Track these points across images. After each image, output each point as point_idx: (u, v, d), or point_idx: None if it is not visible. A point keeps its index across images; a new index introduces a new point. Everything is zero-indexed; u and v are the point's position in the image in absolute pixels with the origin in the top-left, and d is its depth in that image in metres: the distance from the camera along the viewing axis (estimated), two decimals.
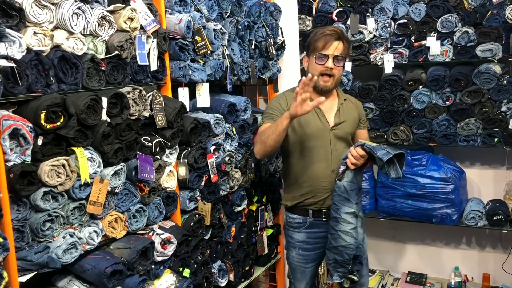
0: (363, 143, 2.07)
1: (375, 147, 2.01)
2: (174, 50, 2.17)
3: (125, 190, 1.91)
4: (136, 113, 1.93)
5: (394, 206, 3.18)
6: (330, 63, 2.17)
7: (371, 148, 2.01)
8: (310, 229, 2.32)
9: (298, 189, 2.31)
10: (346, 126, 2.30)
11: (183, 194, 2.26)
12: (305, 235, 2.33)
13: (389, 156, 1.92)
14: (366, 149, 2.04)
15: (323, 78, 2.20)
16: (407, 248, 3.60)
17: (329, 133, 2.27)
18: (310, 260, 2.36)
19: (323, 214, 2.28)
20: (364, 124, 2.44)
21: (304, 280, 2.40)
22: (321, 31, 2.21)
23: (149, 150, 2.00)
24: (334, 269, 2.16)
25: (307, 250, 2.34)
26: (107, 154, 1.80)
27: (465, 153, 3.29)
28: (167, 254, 2.05)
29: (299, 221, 2.33)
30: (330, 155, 2.25)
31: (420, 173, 3.07)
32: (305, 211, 2.31)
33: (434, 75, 3.01)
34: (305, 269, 2.38)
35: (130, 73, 1.94)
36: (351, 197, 2.08)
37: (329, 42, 2.16)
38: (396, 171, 1.95)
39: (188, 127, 2.18)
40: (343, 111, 2.32)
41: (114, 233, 1.87)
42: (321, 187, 2.25)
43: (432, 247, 3.51)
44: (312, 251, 2.35)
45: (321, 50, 2.17)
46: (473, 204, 3.11)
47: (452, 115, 3.02)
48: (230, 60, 2.54)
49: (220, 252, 2.53)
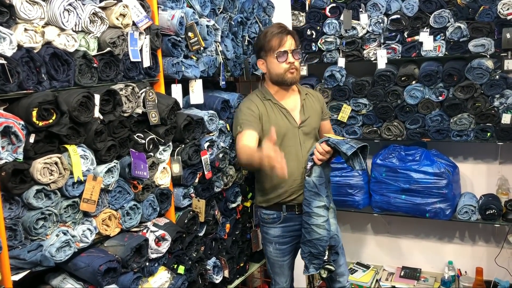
0: (328, 139, 2.12)
1: (339, 142, 2.07)
2: (167, 46, 2.16)
3: (119, 188, 1.90)
4: (129, 110, 1.92)
5: (387, 201, 3.20)
6: (291, 58, 2.25)
7: (336, 143, 2.08)
8: (285, 223, 2.37)
9: (273, 191, 2.34)
10: (311, 121, 2.36)
11: (177, 191, 2.25)
12: (280, 230, 2.38)
13: (353, 150, 1.99)
14: (330, 145, 2.10)
15: (289, 71, 2.26)
16: (401, 243, 3.62)
17: (297, 131, 2.31)
18: (287, 253, 2.43)
19: (296, 207, 2.33)
20: (326, 116, 2.52)
21: (282, 274, 2.47)
22: (270, 31, 2.27)
23: (142, 147, 1.99)
24: (309, 262, 2.23)
25: (283, 244, 2.40)
26: (100, 152, 1.79)
27: (458, 148, 3.31)
28: (162, 251, 2.05)
29: (273, 216, 2.38)
30: (301, 152, 2.30)
31: (413, 168, 3.08)
32: (278, 207, 2.36)
33: (427, 71, 3.01)
34: (283, 262, 2.44)
35: (123, 70, 1.93)
36: (321, 191, 2.15)
37: (283, 39, 2.24)
38: (360, 163, 2.03)
39: (182, 124, 2.17)
40: (306, 106, 2.37)
41: (108, 230, 1.86)
42: (296, 185, 2.30)
43: (425, 241, 3.53)
44: (288, 244, 2.41)
45: (278, 48, 2.23)
46: (466, 198, 3.13)
47: (445, 110, 3.03)
48: (223, 56, 2.53)
49: (214, 248, 2.53)
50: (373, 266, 3.62)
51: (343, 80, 3.26)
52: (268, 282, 3.37)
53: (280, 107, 2.32)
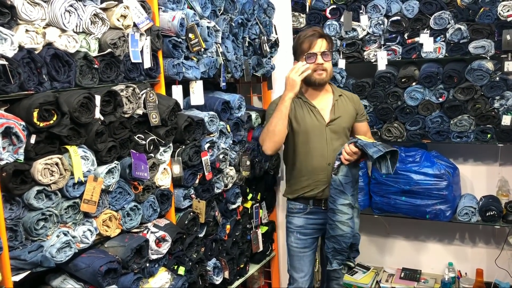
0: (356, 140, 2.15)
1: (367, 144, 2.09)
2: (168, 47, 2.16)
3: (119, 189, 1.90)
4: (129, 111, 1.93)
5: (388, 203, 3.19)
6: (320, 59, 2.30)
7: (363, 145, 2.10)
8: (309, 215, 2.43)
9: (297, 183, 2.42)
10: (341, 121, 2.40)
11: (177, 192, 2.26)
12: (303, 220, 2.43)
13: (379, 154, 2.01)
14: (358, 146, 2.13)
15: (317, 72, 2.32)
16: (401, 245, 3.61)
17: (325, 129, 2.36)
18: (308, 245, 2.47)
19: (323, 203, 2.39)
20: (363, 117, 2.53)
21: (301, 269, 2.48)
22: (303, 34, 2.35)
23: (143, 148, 1.99)
24: (333, 257, 2.27)
25: (305, 234, 2.45)
26: (101, 153, 1.79)
27: (458, 150, 3.31)
28: (162, 252, 2.05)
29: (300, 207, 2.45)
30: (326, 149, 2.35)
31: (413, 170, 3.08)
32: (306, 200, 2.43)
33: (427, 72, 3.01)
34: (303, 254, 2.47)
35: (124, 71, 1.93)
36: (346, 189, 2.19)
37: (313, 42, 2.31)
38: (387, 167, 2.05)
39: (182, 125, 2.17)
40: (338, 106, 2.41)
41: (108, 231, 1.86)
42: (319, 180, 2.36)
43: (425, 243, 3.53)
44: (309, 235, 2.45)
45: (308, 50, 2.30)
46: (466, 200, 3.12)
47: (445, 111, 3.03)
48: (224, 58, 2.53)
49: (215, 249, 2.53)
50: (373, 268, 3.61)
51: (344, 81, 3.26)
52: (268, 284, 3.37)
53: (310, 105, 2.38)
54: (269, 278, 3.33)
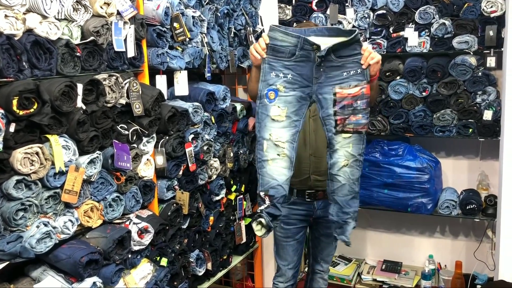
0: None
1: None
2: (152, 36, 2.13)
3: (101, 179, 1.88)
4: (112, 101, 1.90)
5: (370, 195, 3.22)
6: None
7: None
8: (293, 206, 2.43)
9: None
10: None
11: (160, 183, 2.24)
12: (287, 210, 2.42)
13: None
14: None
15: None
16: (383, 237, 3.65)
17: (309, 120, 2.33)
18: (291, 235, 2.47)
19: (306, 194, 2.39)
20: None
21: (285, 258, 2.50)
22: (298, 26, 2.34)
23: (125, 138, 1.97)
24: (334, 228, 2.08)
25: (288, 224, 2.46)
26: (83, 142, 1.77)
27: (441, 144, 3.35)
28: (144, 243, 2.03)
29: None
30: (309, 140, 2.34)
31: (396, 163, 3.11)
32: (290, 191, 2.37)
33: (411, 66, 3.03)
34: (286, 243, 2.48)
35: (106, 60, 1.90)
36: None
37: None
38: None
39: (166, 116, 2.15)
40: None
41: (90, 222, 1.84)
42: (302, 168, 2.34)
43: (407, 235, 3.57)
44: (293, 225, 2.46)
45: None
46: (448, 193, 3.17)
47: (429, 106, 3.06)
48: (209, 48, 2.51)
49: (198, 241, 2.52)
50: (355, 260, 3.65)
51: None
52: (251, 275, 3.38)
53: None
54: (252, 269, 3.34)
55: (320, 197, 2.39)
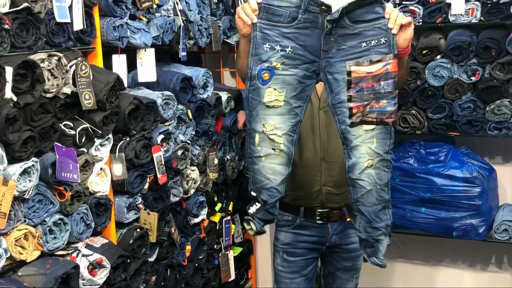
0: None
1: None
2: (107, 2, 2.14)
3: (39, 196, 1.88)
4: (53, 89, 1.90)
5: (402, 216, 3.23)
6: None
7: None
8: (299, 230, 2.42)
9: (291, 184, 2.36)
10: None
11: (119, 201, 2.25)
12: (291, 236, 2.43)
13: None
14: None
15: None
16: (419, 270, 3.67)
17: (318, 113, 2.34)
18: (297, 269, 2.46)
19: (317, 214, 2.38)
20: None
21: None
22: None
23: (71, 140, 1.98)
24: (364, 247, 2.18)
25: (293, 255, 2.45)
26: (13, 146, 1.76)
27: (496, 146, 3.36)
28: (98, 282, 2.03)
29: (288, 218, 2.44)
30: (319, 139, 2.34)
31: (437, 172, 3.12)
32: (295, 209, 2.41)
33: (456, 42, 3.04)
34: (290, 280, 2.47)
35: (45, 34, 1.90)
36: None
37: None
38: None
39: (126, 109, 2.16)
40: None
41: (24, 254, 1.83)
42: (310, 178, 2.35)
43: (451, 268, 3.59)
44: (299, 256, 2.45)
45: None
46: (506, 212, 3.18)
47: (479, 94, 3.07)
48: (184, 18, 2.52)
49: (170, 279, 2.53)
50: None
51: None
52: None
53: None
54: None
55: (335, 219, 2.39)
